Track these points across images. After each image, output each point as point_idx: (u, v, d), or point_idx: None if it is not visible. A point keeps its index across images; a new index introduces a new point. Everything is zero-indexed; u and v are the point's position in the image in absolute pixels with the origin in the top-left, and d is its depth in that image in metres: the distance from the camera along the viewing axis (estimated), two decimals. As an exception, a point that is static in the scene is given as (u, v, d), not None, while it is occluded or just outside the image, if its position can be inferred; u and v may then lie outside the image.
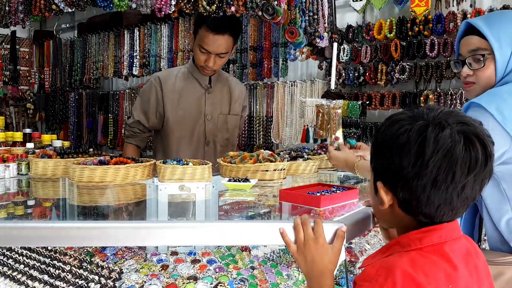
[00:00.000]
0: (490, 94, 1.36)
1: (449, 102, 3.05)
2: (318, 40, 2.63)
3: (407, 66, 3.21)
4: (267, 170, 1.74)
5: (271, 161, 1.78)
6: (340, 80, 3.53)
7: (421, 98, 3.15)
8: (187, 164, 1.68)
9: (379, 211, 0.95)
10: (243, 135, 4.25)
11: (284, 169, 1.80)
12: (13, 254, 1.77)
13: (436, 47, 3.09)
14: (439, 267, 0.83)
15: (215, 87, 2.36)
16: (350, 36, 3.50)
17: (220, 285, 1.49)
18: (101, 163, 1.63)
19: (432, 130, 0.81)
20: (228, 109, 2.40)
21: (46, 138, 2.21)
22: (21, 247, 1.83)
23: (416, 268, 0.81)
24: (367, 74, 3.41)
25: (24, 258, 1.73)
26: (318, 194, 1.31)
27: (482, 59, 1.39)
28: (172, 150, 2.28)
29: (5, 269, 1.65)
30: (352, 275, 1.81)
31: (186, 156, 2.05)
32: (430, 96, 3.10)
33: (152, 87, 2.29)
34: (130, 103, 5.09)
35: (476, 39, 1.41)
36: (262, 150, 1.87)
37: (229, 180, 1.63)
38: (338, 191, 1.40)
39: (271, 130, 4.02)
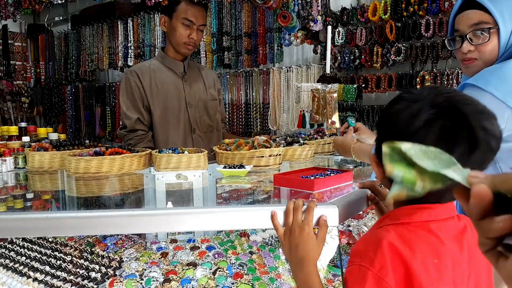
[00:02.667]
0: (486, 74, 1.35)
1: (445, 82, 3.04)
2: (312, 24, 2.62)
3: (402, 48, 3.19)
4: (262, 156, 1.74)
5: (266, 147, 1.78)
6: (336, 64, 3.52)
7: (418, 79, 3.14)
8: (182, 152, 1.68)
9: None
10: (240, 123, 4.25)
11: (279, 154, 1.80)
12: (15, 247, 1.79)
13: (431, 27, 3.06)
14: (425, 241, 0.84)
15: (190, 75, 2.38)
16: (344, 19, 3.48)
17: (219, 271, 1.50)
18: (96, 154, 1.63)
19: (410, 106, 0.81)
20: (205, 95, 2.41)
21: (42, 131, 2.22)
22: (22, 240, 1.85)
23: (402, 242, 0.83)
24: (362, 57, 3.39)
25: (26, 250, 1.75)
26: (312, 178, 1.32)
27: (485, 33, 1.37)
28: (162, 142, 2.27)
29: (7, 261, 1.67)
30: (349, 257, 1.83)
31: (176, 146, 2.05)
32: (427, 77, 3.08)
33: (132, 83, 2.26)
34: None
35: (477, 13, 1.38)
36: (257, 137, 1.87)
37: (224, 167, 1.63)
38: (332, 174, 1.41)
39: (268, 117, 4.01)
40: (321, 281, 0.93)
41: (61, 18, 5.99)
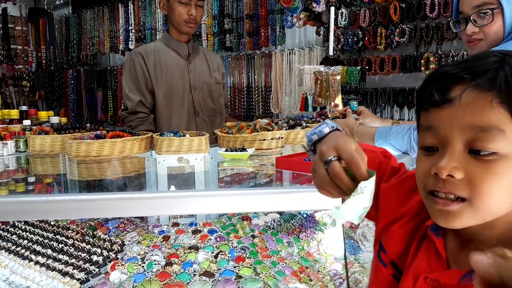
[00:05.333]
0: None
1: (450, 64, 2.99)
2: (314, 5, 2.57)
3: (407, 29, 3.14)
4: (264, 139, 1.72)
5: (269, 130, 1.76)
6: (339, 46, 3.46)
7: (422, 61, 3.10)
8: (184, 136, 1.67)
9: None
10: (242, 107, 4.23)
11: (282, 137, 1.78)
12: (17, 230, 1.79)
13: (436, 7, 3.00)
14: None
15: (194, 58, 2.36)
16: (348, 0, 3.41)
17: (221, 254, 1.50)
18: (97, 137, 1.62)
19: None
20: (210, 79, 2.40)
21: (43, 114, 2.21)
22: (24, 223, 1.85)
23: None
24: (366, 38, 3.34)
25: (28, 233, 1.75)
26: (314, 160, 1.30)
27: (490, 13, 1.35)
28: (165, 125, 2.26)
29: (9, 244, 1.68)
30: (352, 241, 1.83)
31: (179, 129, 2.04)
32: (431, 59, 3.04)
33: (136, 64, 2.25)
34: (128, 78, 5.07)
35: None
36: (259, 120, 1.86)
37: (226, 150, 1.62)
38: (335, 157, 1.39)
39: (270, 100, 3.98)
40: None
41: (61, 2, 5.94)
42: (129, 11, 4.86)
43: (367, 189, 0.64)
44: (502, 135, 0.56)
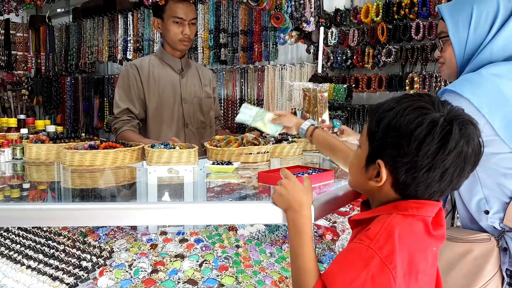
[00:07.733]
0: (464, 80, 1.40)
1: (433, 84, 3.10)
2: (304, 25, 2.68)
3: (393, 49, 3.25)
4: (250, 153, 1.80)
5: (255, 145, 1.84)
6: (329, 64, 3.58)
7: (407, 81, 3.21)
8: (174, 148, 1.74)
9: (363, 183, 1.00)
10: (235, 118, 4.32)
11: (267, 152, 1.86)
12: (10, 235, 1.85)
13: (421, 30, 3.12)
14: (428, 237, 0.93)
15: (187, 72, 2.45)
16: (338, 20, 3.54)
17: (205, 263, 1.56)
18: (91, 147, 1.69)
19: (457, 126, 0.86)
20: (201, 93, 2.48)
21: (40, 123, 2.27)
22: (17, 228, 1.91)
23: (411, 233, 0.91)
24: (354, 57, 3.46)
25: (21, 238, 1.81)
26: (293, 176, 1.38)
27: (442, 42, 1.47)
28: (155, 136, 2.33)
29: (2, 248, 1.74)
30: (332, 252, 1.90)
31: (168, 140, 2.11)
32: (416, 79, 3.15)
33: (130, 75, 2.33)
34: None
35: (441, 23, 1.49)
36: (247, 134, 1.93)
37: (213, 163, 1.70)
38: (313, 173, 1.47)
39: (262, 113, 4.07)
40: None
41: (63, 10, 6.03)
42: (128, 22, 4.96)
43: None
44: (361, 137, 1.00)
